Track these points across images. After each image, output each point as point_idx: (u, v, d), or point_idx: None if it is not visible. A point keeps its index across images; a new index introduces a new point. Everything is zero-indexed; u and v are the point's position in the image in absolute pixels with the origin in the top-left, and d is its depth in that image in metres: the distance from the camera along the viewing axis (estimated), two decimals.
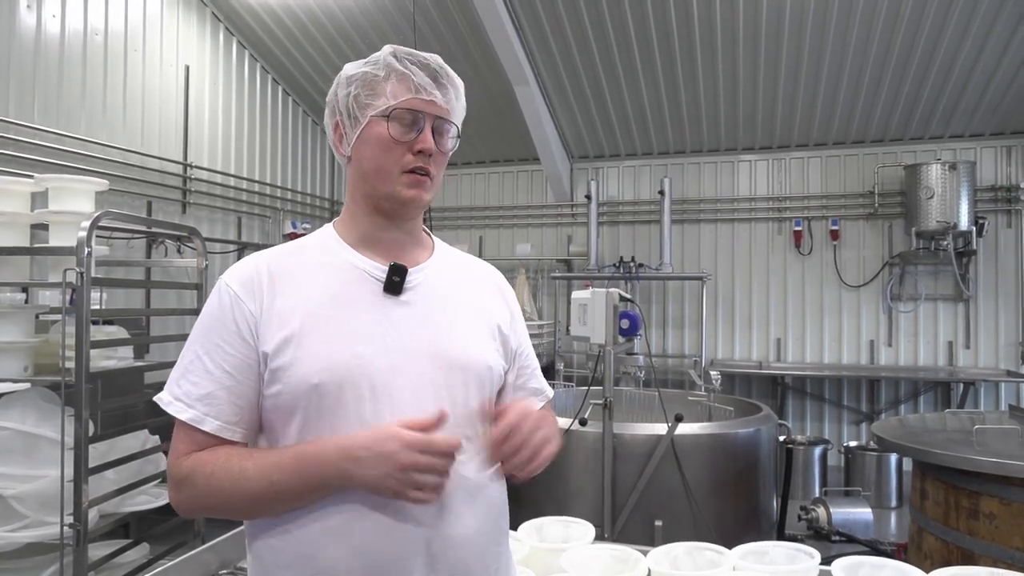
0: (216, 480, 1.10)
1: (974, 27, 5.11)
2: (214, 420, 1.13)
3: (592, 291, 3.57)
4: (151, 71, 5.28)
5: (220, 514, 1.16)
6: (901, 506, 5.29)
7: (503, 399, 1.33)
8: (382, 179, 1.18)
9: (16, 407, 2.79)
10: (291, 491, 1.08)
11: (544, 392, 1.41)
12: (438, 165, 1.22)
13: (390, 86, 1.17)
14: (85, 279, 2.58)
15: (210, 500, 1.12)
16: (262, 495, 1.09)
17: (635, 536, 3.13)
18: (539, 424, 1.16)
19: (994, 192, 6.20)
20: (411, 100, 1.16)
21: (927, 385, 6.32)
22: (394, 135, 1.16)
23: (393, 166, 1.17)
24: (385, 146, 1.17)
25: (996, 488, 2.61)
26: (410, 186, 1.18)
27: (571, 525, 1.93)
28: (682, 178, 7.00)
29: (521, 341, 1.37)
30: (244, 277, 1.18)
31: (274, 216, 6.60)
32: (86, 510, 2.58)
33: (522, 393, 1.36)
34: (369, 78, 1.19)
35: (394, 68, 1.18)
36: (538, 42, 5.81)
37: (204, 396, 1.13)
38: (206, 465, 1.11)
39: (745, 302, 6.82)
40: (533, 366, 1.40)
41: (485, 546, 1.18)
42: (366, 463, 1.05)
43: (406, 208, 1.21)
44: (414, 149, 1.17)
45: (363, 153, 1.19)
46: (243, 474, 1.09)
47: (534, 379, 1.39)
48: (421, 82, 1.17)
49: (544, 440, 1.16)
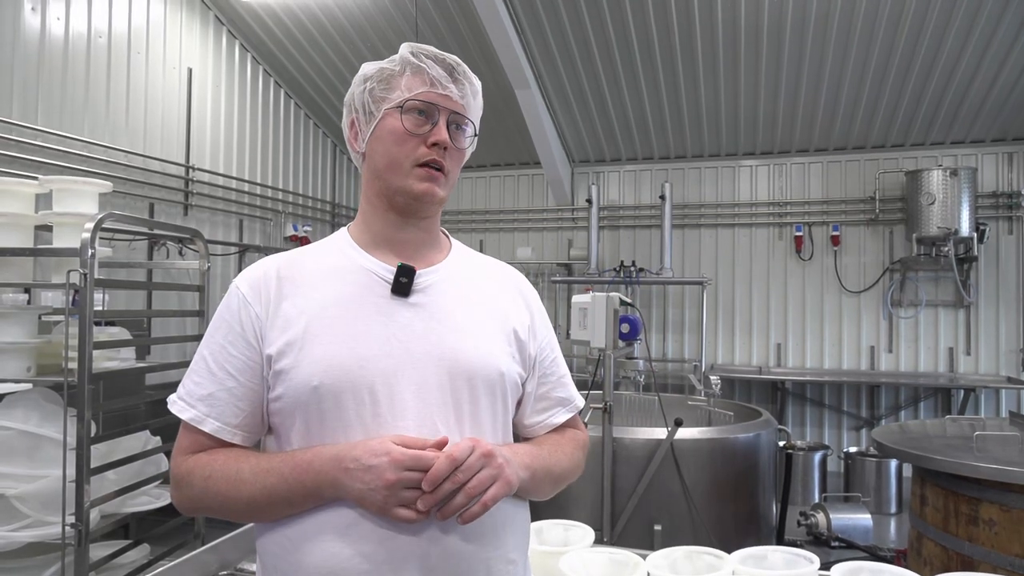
0: (213, 483, 1.11)
1: (976, 33, 5.12)
2: (214, 421, 1.13)
3: (593, 295, 3.58)
4: (154, 73, 5.30)
5: (218, 515, 1.16)
6: (901, 512, 5.29)
7: (523, 409, 1.28)
8: (394, 172, 1.16)
9: (19, 407, 2.80)
10: (284, 497, 1.08)
11: (573, 402, 1.34)
12: (453, 161, 1.19)
13: (405, 80, 1.17)
14: (88, 280, 2.59)
15: (207, 501, 1.13)
16: (256, 499, 1.09)
17: (634, 540, 3.14)
18: (480, 463, 1.06)
19: (995, 198, 6.21)
20: (426, 93, 1.15)
21: (927, 391, 6.32)
22: (408, 127, 1.15)
23: (406, 159, 1.15)
24: (399, 138, 1.15)
25: (996, 495, 2.62)
26: (423, 179, 1.15)
27: (571, 528, 1.93)
28: (683, 183, 7.02)
29: (543, 347, 1.31)
30: (253, 280, 1.18)
31: (275, 218, 6.62)
32: (87, 510, 2.59)
33: (546, 403, 1.30)
34: (385, 74, 1.19)
35: (409, 62, 1.17)
36: (539, 46, 5.83)
37: (206, 396, 1.14)
38: (204, 467, 1.12)
39: (745, 307, 6.82)
40: (559, 374, 1.34)
41: (493, 561, 1.14)
42: (354, 475, 1.04)
43: (419, 203, 1.18)
44: (428, 142, 1.15)
45: (377, 148, 1.18)
46: (239, 477, 1.10)
47: (560, 388, 1.33)
48: (436, 75, 1.16)
49: (482, 482, 1.05)
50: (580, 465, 1.34)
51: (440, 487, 1.02)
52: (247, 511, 1.12)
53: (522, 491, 1.18)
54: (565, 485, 1.31)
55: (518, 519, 1.22)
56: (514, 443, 1.27)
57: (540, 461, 1.21)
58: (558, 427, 1.33)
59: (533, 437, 1.31)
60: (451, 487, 1.03)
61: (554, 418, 1.31)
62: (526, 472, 1.16)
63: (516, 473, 1.12)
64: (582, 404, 1.37)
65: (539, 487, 1.24)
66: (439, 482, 1.02)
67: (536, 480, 1.20)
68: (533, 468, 1.18)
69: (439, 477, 1.02)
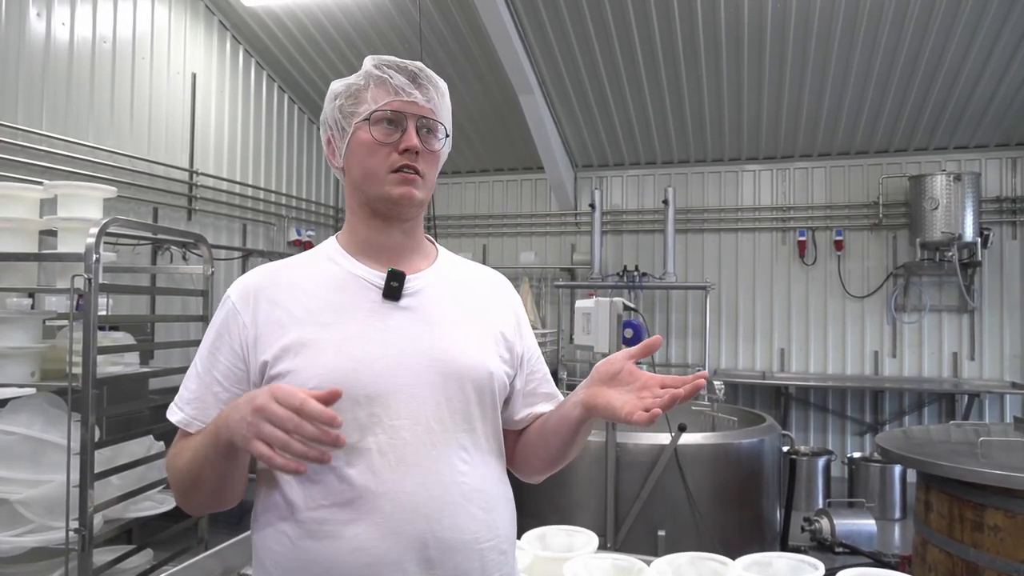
0: (172, 459, 1.19)
1: (979, 38, 5.12)
2: (200, 423, 1.18)
3: (596, 300, 3.58)
4: (158, 79, 5.32)
5: (189, 495, 1.19)
6: (905, 518, 5.27)
7: (512, 406, 1.33)
8: (371, 182, 1.20)
9: (23, 412, 2.80)
10: (204, 453, 1.10)
11: (556, 397, 1.40)
12: (428, 163, 1.22)
13: (371, 92, 1.21)
14: (93, 285, 2.60)
15: (175, 480, 1.19)
16: (192, 461, 1.13)
17: (638, 546, 3.12)
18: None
19: (999, 203, 6.20)
20: (391, 102, 1.19)
21: (931, 397, 6.30)
22: (377, 137, 1.19)
23: (380, 167, 1.19)
24: (371, 149, 1.19)
25: (1001, 501, 2.61)
26: (399, 184, 1.19)
27: (575, 534, 1.93)
28: (686, 187, 7.01)
29: (528, 347, 1.36)
30: (242, 289, 1.22)
31: (279, 223, 6.63)
32: (91, 515, 2.59)
33: (533, 398, 1.36)
34: (352, 89, 1.23)
35: (372, 75, 1.22)
36: (543, 50, 5.84)
37: (193, 400, 1.19)
38: (174, 454, 1.20)
39: (749, 312, 6.81)
40: (543, 371, 1.40)
41: (485, 552, 1.17)
42: (237, 407, 1.03)
43: (399, 207, 1.21)
44: (399, 148, 1.18)
45: (352, 161, 1.22)
46: (187, 445, 1.16)
47: (545, 384, 1.39)
48: (399, 83, 1.20)
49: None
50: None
51: (283, 431, 0.96)
52: (193, 479, 1.16)
53: (583, 432, 1.23)
54: (574, 456, 1.33)
55: (507, 512, 1.25)
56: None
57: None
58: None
59: (521, 428, 1.36)
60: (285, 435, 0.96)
61: (541, 409, 1.36)
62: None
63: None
64: (563, 399, 1.40)
65: (584, 436, 1.26)
66: (282, 421, 0.96)
67: (588, 425, 1.23)
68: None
69: (279, 416, 0.96)
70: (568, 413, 1.21)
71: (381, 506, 1.10)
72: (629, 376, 1.14)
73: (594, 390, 1.15)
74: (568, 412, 1.21)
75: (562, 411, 1.25)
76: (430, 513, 1.12)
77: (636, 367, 1.15)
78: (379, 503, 1.10)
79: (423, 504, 1.12)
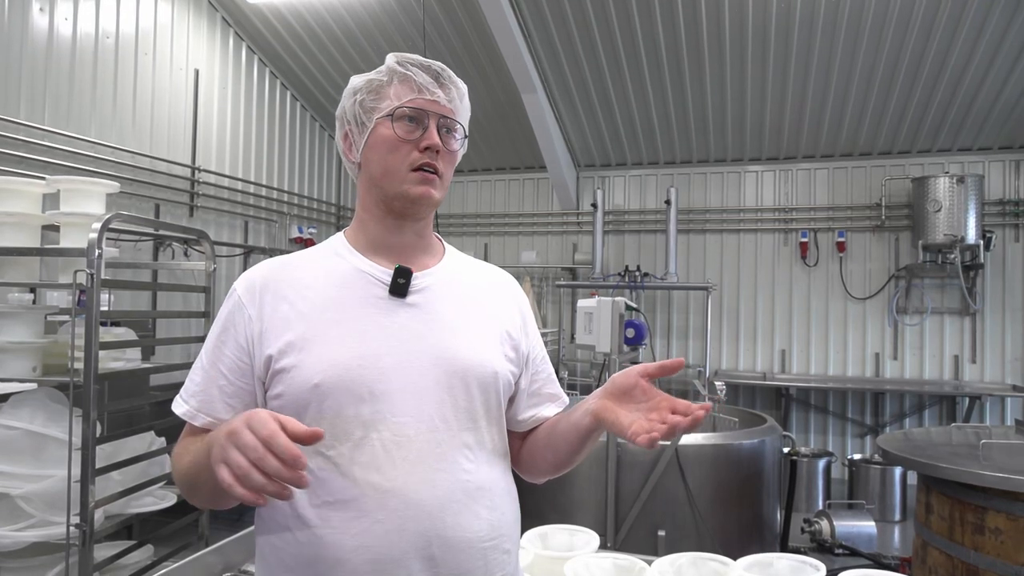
0: (177, 457, 1.19)
1: (984, 40, 5.12)
2: (205, 416, 1.17)
3: (598, 300, 3.58)
4: (161, 75, 5.32)
5: (191, 496, 1.19)
6: (905, 520, 5.27)
7: (516, 405, 1.33)
8: (391, 179, 1.19)
9: (25, 407, 2.80)
10: (201, 462, 1.06)
11: (560, 398, 1.40)
12: (446, 163, 1.23)
13: (393, 89, 1.20)
14: (95, 281, 2.60)
15: (178, 479, 1.19)
16: (191, 466, 1.13)
17: (638, 545, 3.13)
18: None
19: (1002, 206, 6.19)
20: (414, 99, 1.19)
21: (932, 399, 6.30)
22: (400, 134, 1.18)
23: (400, 165, 1.18)
24: (392, 146, 1.19)
25: (1002, 503, 2.60)
26: (419, 183, 1.19)
27: (576, 533, 1.93)
28: (688, 188, 7.01)
29: (533, 346, 1.36)
30: (249, 283, 1.22)
31: (280, 220, 6.63)
32: (92, 511, 2.59)
33: (538, 399, 1.35)
34: (374, 84, 1.22)
35: (396, 71, 1.21)
36: (546, 50, 5.83)
37: (198, 393, 1.19)
38: (179, 452, 1.19)
39: (750, 313, 6.81)
40: (548, 372, 1.39)
41: (488, 551, 1.17)
42: (220, 429, 0.99)
43: (416, 206, 1.21)
44: (420, 146, 1.18)
45: (371, 157, 1.21)
46: (190, 447, 1.16)
47: (550, 384, 1.38)
48: (423, 82, 1.20)
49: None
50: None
51: (246, 463, 0.91)
52: (191, 482, 1.15)
53: (592, 439, 1.22)
54: (581, 460, 1.33)
55: (511, 511, 1.25)
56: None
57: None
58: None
59: (525, 431, 1.36)
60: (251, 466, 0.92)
61: (545, 412, 1.36)
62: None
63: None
64: (568, 401, 1.42)
65: (592, 443, 1.26)
66: (246, 450, 0.91)
67: (597, 434, 1.22)
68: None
69: (246, 445, 0.91)
70: (579, 421, 1.21)
71: (385, 503, 1.10)
72: (642, 393, 1.13)
73: (606, 403, 1.15)
74: (579, 420, 1.21)
75: (572, 418, 1.24)
76: (434, 511, 1.11)
77: (651, 385, 1.14)
78: (383, 500, 1.10)
79: (427, 502, 1.11)
